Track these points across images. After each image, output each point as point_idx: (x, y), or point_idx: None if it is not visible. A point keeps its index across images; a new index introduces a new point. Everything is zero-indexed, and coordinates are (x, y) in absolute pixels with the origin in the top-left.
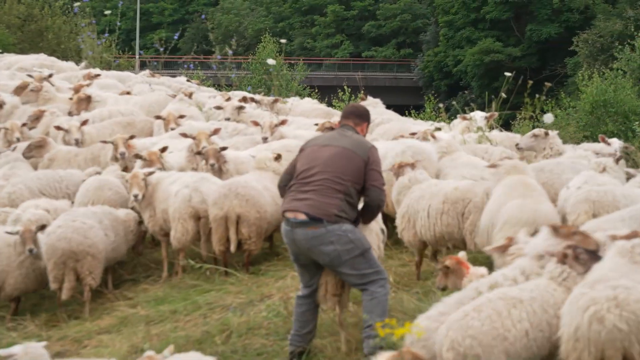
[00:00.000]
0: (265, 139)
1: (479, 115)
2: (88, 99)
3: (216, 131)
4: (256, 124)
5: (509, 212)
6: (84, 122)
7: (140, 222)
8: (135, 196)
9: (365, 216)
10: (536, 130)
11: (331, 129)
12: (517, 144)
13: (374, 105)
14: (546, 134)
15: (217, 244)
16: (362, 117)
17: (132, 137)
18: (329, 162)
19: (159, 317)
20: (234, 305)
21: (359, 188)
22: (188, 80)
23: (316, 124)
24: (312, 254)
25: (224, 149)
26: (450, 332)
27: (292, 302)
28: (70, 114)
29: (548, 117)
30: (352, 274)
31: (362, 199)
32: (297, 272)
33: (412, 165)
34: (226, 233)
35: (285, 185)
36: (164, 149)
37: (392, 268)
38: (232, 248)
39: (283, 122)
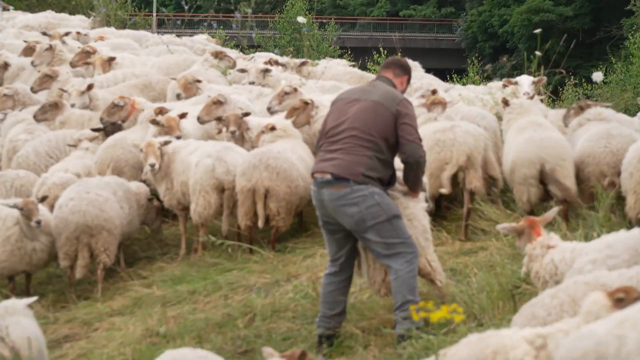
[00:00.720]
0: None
1: (525, 80)
2: (110, 60)
3: (183, 115)
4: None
5: (515, 149)
6: (90, 86)
7: (152, 198)
8: (152, 166)
9: (409, 179)
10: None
11: None
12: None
13: (412, 69)
14: (580, 107)
15: (243, 219)
16: (404, 69)
17: (246, 114)
18: (357, 117)
19: (176, 298)
20: (257, 285)
21: (392, 143)
22: (211, 38)
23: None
24: (338, 216)
25: (246, 114)
26: None
27: (321, 282)
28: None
29: (597, 76)
30: (377, 241)
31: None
32: (325, 242)
33: None
34: (253, 207)
35: (319, 145)
36: (183, 115)
37: None
38: (260, 224)
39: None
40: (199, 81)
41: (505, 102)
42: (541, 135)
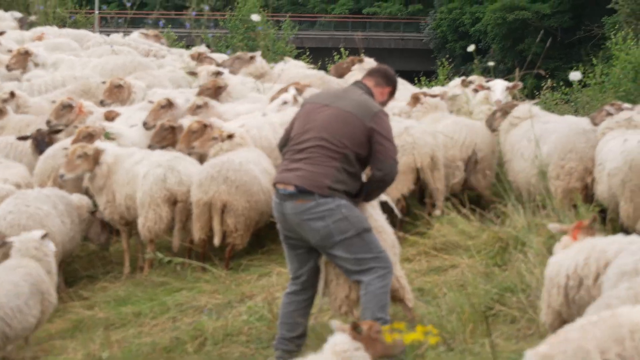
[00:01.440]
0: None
1: (499, 86)
2: (26, 54)
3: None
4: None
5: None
6: (12, 94)
7: (94, 211)
8: (61, 176)
9: (372, 193)
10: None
11: None
12: None
13: (360, 70)
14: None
15: (198, 232)
16: (388, 80)
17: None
18: (325, 125)
19: (121, 320)
20: (209, 307)
21: (363, 156)
22: (155, 36)
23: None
24: (302, 230)
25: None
26: None
27: (277, 303)
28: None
29: (575, 75)
30: (346, 257)
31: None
32: (286, 258)
33: None
34: (209, 222)
35: (283, 146)
36: (112, 116)
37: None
38: (216, 241)
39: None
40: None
41: (417, 99)
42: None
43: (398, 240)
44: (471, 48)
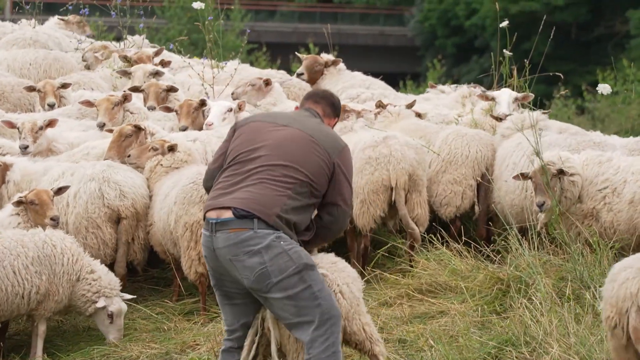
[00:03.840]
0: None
1: (505, 97)
2: None
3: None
4: None
5: None
6: None
7: None
8: None
9: (315, 240)
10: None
11: None
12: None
13: (337, 72)
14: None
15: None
16: (335, 111)
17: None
18: (282, 145)
19: None
20: (142, 358)
21: (317, 192)
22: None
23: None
24: (234, 269)
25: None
26: None
27: None
28: None
29: (604, 88)
30: (285, 304)
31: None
32: (219, 305)
33: None
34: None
35: (211, 181)
36: (51, 123)
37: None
38: None
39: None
40: (66, 85)
41: (381, 105)
42: None
43: (375, 281)
44: (504, 24)
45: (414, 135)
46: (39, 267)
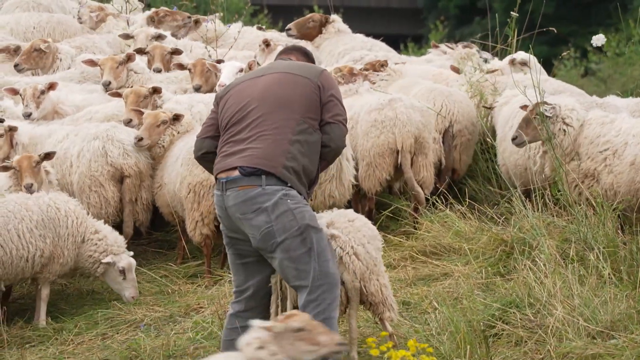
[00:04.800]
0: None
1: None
2: None
3: (52, 86)
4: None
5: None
6: None
7: None
8: None
9: (321, 162)
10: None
11: None
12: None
13: (336, 33)
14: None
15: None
16: (309, 57)
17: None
18: (268, 92)
19: (38, 337)
20: (146, 321)
21: (316, 124)
22: None
23: None
24: (244, 227)
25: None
26: None
27: None
28: None
29: (598, 39)
30: (287, 265)
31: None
32: (231, 268)
33: None
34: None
35: (205, 152)
36: (51, 86)
37: None
38: None
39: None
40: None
41: (384, 64)
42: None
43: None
44: None
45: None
46: (43, 230)
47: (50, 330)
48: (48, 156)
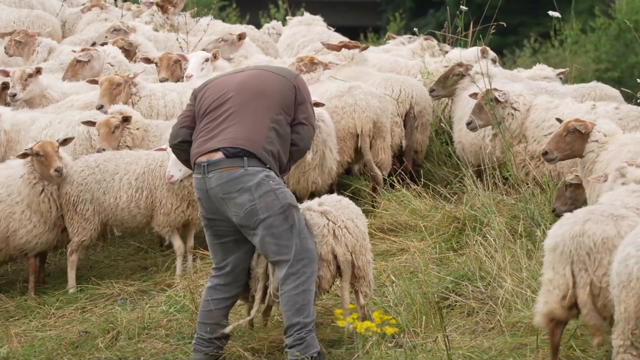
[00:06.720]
0: None
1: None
2: None
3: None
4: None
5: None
6: None
7: None
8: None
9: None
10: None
11: None
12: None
13: (307, 23)
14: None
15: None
16: None
17: None
18: (246, 83)
19: (21, 311)
20: (122, 296)
21: (289, 119)
22: None
23: None
24: (226, 207)
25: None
26: None
27: (201, 292)
28: None
29: (554, 13)
30: (268, 240)
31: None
32: (208, 245)
33: None
34: None
35: (181, 141)
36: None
37: None
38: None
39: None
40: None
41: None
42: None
43: None
44: None
45: (355, 80)
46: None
47: (32, 305)
48: (65, 141)
